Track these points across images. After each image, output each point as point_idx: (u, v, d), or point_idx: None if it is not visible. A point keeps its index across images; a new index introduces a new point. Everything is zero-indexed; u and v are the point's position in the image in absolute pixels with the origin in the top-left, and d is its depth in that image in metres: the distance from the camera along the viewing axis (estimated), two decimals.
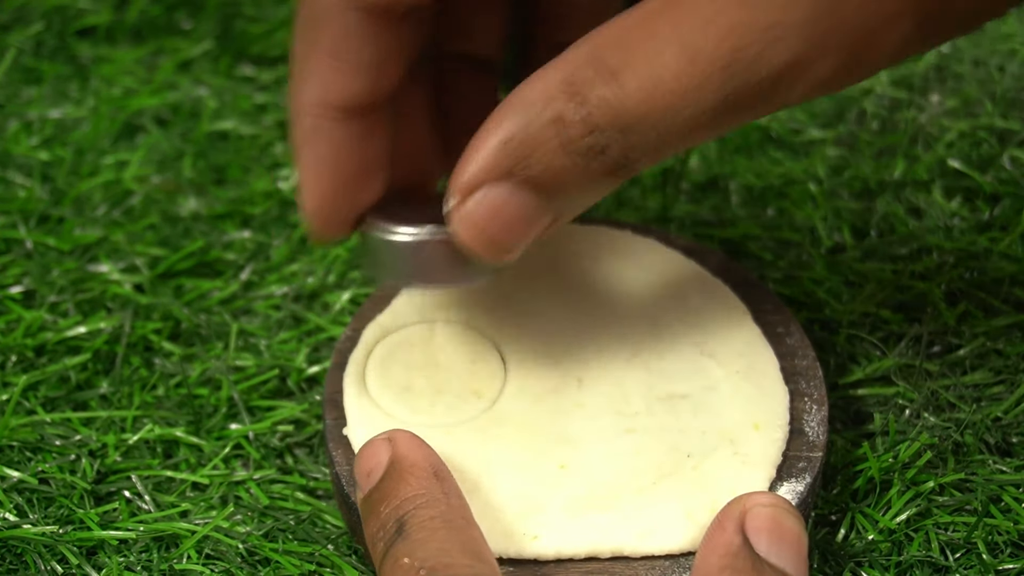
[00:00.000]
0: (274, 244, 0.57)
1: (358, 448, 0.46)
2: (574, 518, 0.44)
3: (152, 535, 0.47)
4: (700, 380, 0.48)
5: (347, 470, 0.46)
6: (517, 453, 0.46)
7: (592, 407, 0.47)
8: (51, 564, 0.47)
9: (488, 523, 0.43)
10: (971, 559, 0.47)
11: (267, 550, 0.47)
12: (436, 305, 0.50)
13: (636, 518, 0.44)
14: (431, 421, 0.47)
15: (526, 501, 0.44)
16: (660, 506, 0.44)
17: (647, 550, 0.43)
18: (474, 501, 0.43)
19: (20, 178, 0.60)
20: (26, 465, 0.49)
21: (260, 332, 0.54)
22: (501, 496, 0.44)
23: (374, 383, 0.48)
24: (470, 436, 0.46)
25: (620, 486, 0.45)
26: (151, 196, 0.59)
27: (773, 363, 0.48)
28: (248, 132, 0.62)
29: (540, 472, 0.45)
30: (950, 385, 0.51)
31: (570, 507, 0.44)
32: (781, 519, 0.41)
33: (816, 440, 0.46)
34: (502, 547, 0.43)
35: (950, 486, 0.49)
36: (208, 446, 0.50)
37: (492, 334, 0.49)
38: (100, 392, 0.52)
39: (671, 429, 0.46)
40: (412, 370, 0.48)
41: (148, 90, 0.64)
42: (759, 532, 0.41)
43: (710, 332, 0.49)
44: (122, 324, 0.54)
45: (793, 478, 0.45)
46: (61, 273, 0.56)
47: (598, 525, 0.44)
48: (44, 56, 0.66)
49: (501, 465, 0.45)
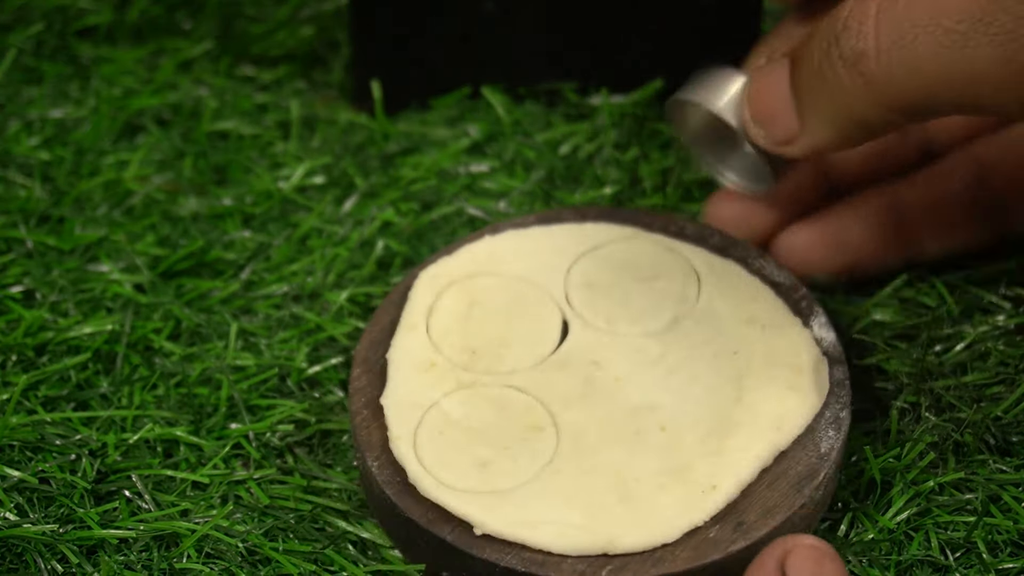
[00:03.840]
0: (274, 244, 0.57)
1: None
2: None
3: (152, 534, 0.47)
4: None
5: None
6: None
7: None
8: (51, 563, 0.47)
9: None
10: (971, 559, 0.47)
11: (267, 549, 0.47)
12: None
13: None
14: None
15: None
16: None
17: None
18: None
19: (20, 178, 0.60)
20: (26, 465, 0.49)
21: (260, 332, 0.54)
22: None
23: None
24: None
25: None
26: (151, 196, 0.59)
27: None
28: (248, 132, 0.62)
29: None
30: (950, 385, 0.51)
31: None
32: (822, 561, 0.42)
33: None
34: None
35: (950, 486, 0.49)
36: (208, 445, 0.50)
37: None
38: (100, 392, 0.52)
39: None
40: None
41: (149, 90, 0.64)
42: (800, 572, 0.41)
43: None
44: (122, 324, 0.54)
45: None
46: (61, 273, 0.56)
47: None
48: (45, 56, 0.66)
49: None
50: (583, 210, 0.55)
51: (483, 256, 0.53)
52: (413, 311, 0.51)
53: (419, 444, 0.47)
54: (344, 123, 0.63)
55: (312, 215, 0.58)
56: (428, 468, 0.46)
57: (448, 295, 0.51)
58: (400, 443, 0.47)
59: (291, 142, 0.62)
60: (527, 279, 0.52)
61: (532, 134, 0.61)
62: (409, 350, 0.50)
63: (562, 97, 0.63)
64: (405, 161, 0.61)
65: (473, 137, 0.61)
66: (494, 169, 0.60)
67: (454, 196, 0.59)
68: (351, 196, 0.59)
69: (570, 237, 0.53)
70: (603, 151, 0.60)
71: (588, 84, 0.63)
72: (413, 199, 0.59)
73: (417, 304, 0.51)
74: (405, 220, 0.58)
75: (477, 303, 0.51)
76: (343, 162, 0.60)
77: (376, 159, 0.61)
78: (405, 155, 0.61)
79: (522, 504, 0.45)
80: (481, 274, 0.52)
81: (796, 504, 0.45)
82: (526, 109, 0.63)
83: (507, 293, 0.52)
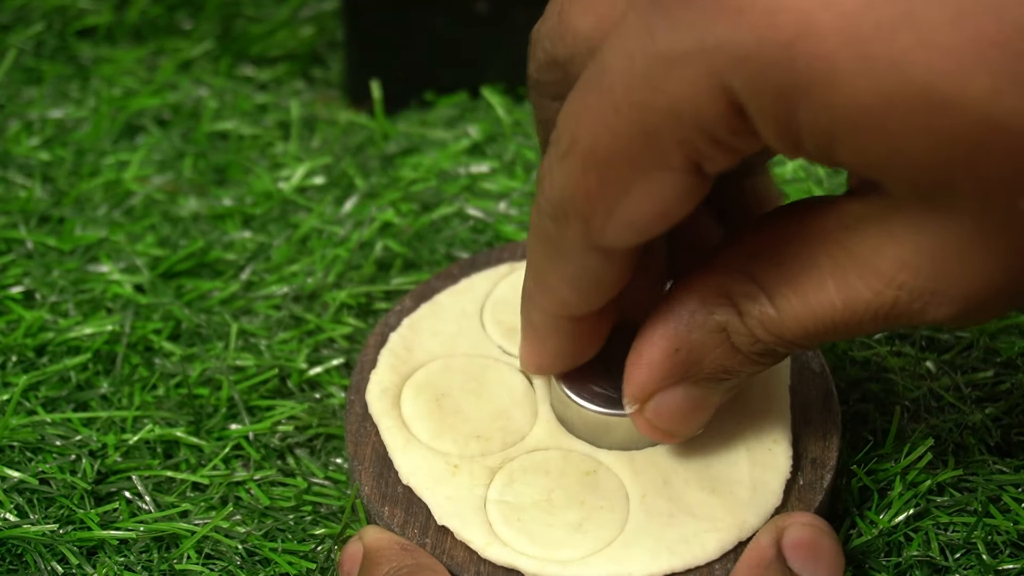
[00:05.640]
0: (274, 244, 0.57)
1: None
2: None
3: (152, 535, 0.47)
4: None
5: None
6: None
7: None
8: (51, 564, 0.47)
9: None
10: (971, 559, 0.47)
11: (267, 550, 0.47)
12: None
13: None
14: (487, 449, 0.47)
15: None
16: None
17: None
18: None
19: (20, 178, 0.60)
20: (26, 465, 0.49)
21: (260, 332, 0.54)
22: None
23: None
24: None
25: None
26: (151, 196, 0.59)
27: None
28: (248, 132, 0.62)
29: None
30: (950, 385, 0.51)
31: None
32: (818, 538, 0.42)
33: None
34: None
35: (950, 486, 0.49)
36: (208, 446, 0.50)
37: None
38: (100, 392, 0.52)
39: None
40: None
41: (148, 90, 0.64)
42: (795, 548, 0.42)
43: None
44: (122, 324, 0.54)
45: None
46: (61, 273, 0.56)
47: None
48: (45, 56, 0.66)
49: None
50: (449, 272, 0.53)
51: (404, 352, 0.50)
52: (391, 429, 0.48)
53: (509, 540, 0.45)
54: (344, 123, 0.63)
55: (312, 216, 0.58)
56: (539, 555, 0.44)
57: (407, 401, 0.49)
58: (492, 549, 0.45)
59: (291, 142, 0.62)
60: (459, 353, 0.50)
61: (532, 134, 0.61)
62: (422, 467, 0.47)
63: None
64: (405, 161, 0.61)
65: (473, 137, 0.61)
66: (494, 170, 0.60)
67: (454, 197, 0.59)
68: (351, 197, 0.59)
69: (460, 298, 0.52)
70: None
71: None
72: (413, 200, 0.59)
73: (389, 421, 0.48)
74: (405, 221, 0.58)
75: (442, 395, 0.49)
76: (343, 162, 0.60)
77: (376, 159, 0.61)
78: (405, 155, 0.61)
79: (643, 539, 0.45)
80: (417, 369, 0.50)
81: (836, 416, 0.48)
82: (526, 109, 0.63)
83: (456, 373, 0.49)
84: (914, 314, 0.37)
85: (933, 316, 0.36)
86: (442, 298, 0.52)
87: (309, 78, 0.66)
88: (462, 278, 0.52)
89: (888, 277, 0.36)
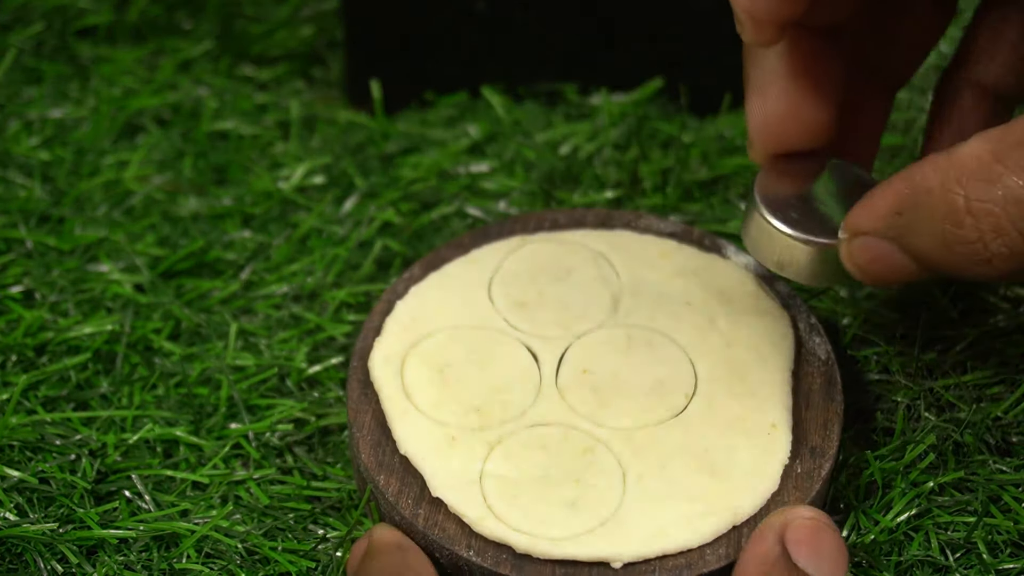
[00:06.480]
0: (274, 243, 0.57)
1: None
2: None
3: (152, 534, 0.47)
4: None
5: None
6: None
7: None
8: (51, 563, 0.47)
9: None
10: (971, 559, 0.47)
11: (267, 549, 0.47)
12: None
13: None
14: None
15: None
16: None
17: None
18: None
19: (20, 178, 0.60)
20: (26, 465, 0.49)
21: (260, 332, 0.54)
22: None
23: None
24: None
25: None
26: (151, 196, 0.59)
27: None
28: (248, 132, 0.62)
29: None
30: (950, 385, 0.51)
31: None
32: (821, 533, 0.42)
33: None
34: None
35: (950, 486, 0.49)
36: (208, 446, 0.50)
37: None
38: (100, 392, 0.52)
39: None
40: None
41: (148, 90, 0.64)
42: (799, 544, 0.42)
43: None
44: (122, 324, 0.54)
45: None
46: (61, 273, 0.56)
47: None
48: (44, 56, 0.66)
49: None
50: (460, 242, 0.53)
51: (409, 321, 0.50)
52: (392, 397, 0.48)
53: (503, 515, 0.45)
54: (344, 123, 0.63)
55: (312, 215, 0.58)
56: (532, 531, 0.45)
57: (409, 370, 0.49)
58: (485, 523, 0.45)
59: (291, 142, 0.62)
60: (465, 324, 0.50)
61: (532, 134, 0.61)
62: (420, 437, 0.47)
63: (562, 97, 0.63)
64: (405, 161, 0.61)
65: (473, 137, 0.61)
66: (494, 169, 0.60)
67: (454, 196, 0.59)
68: (351, 196, 0.59)
69: (469, 269, 0.52)
70: (603, 151, 0.60)
71: (588, 84, 0.63)
72: (413, 199, 0.59)
73: (391, 389, 0.48)
74: (405, 220, 0.58)
75: (445, 365, 0.49)
76: (343, 162, 0.60)
77: (376, 159, 0.61)
78: (405, 155, 0.61)
79: (636, 520, 0.45)
80: (422, 339, 0.50)
81: (838, 405, 0.48)
82: (526, 109, 0.63)
83: (461, 344, 0.50)
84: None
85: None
86: (451, 268, 0.52)
87: (309, 78, 0.66)
88: (473, 248, 0.53)
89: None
